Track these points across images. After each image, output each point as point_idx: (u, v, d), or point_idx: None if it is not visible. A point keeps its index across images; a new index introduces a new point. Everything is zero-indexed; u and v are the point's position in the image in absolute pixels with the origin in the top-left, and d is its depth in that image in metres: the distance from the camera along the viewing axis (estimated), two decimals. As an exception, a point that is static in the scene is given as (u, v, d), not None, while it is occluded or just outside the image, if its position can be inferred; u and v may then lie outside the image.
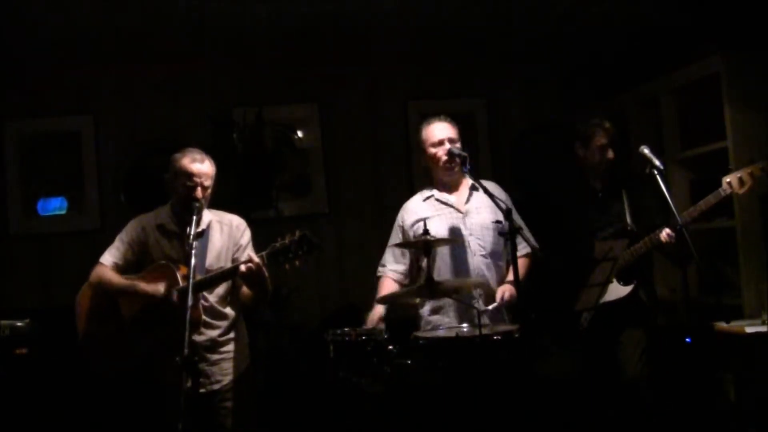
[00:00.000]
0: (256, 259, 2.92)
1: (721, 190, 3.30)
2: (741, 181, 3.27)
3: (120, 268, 3.15)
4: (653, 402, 3.59)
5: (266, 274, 3.01)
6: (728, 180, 3.29)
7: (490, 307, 3.24)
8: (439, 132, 3.42)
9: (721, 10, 4.29)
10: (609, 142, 3.67)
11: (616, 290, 3.52)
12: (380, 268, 3.54)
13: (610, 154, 3.68)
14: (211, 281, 3.03)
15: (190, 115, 5.14)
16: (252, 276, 2.93)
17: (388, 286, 3.47)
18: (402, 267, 3.50)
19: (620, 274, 3.52)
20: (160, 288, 2.97)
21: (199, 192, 3.08)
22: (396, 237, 3.53)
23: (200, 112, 5.11)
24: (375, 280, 3.56)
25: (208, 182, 3.12)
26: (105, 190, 5.08)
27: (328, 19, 4.50)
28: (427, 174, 3.65)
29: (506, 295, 3.28)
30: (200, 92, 5.20)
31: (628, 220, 3.58)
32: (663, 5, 4.42)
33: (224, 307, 3.19)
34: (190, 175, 3.08)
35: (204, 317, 3.10)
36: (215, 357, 3.15)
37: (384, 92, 5.47)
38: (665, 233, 3.37)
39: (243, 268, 2.92)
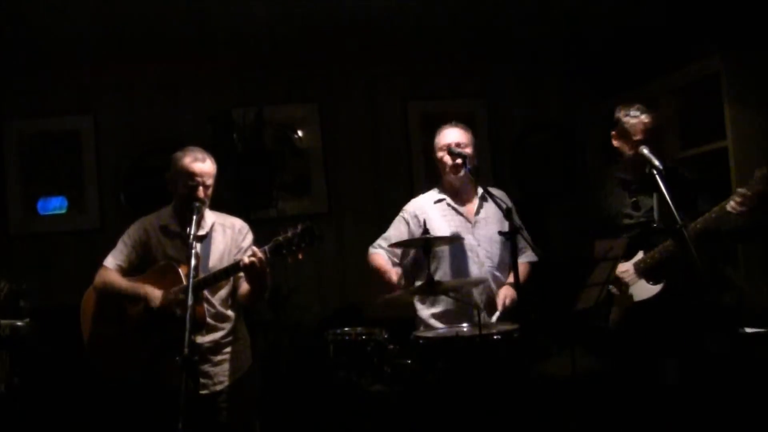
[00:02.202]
0: (260, 253, 2.92)
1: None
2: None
3: (124, 271, 3.15)
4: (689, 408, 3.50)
5: (267, 267, 3.00)
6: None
7: (494, 319, 3.24)
8: (448, 136, 3.43)
9: (721, 10, 4.29)
10: (646, 138, 3.39)
11: (646, 289, 3.39)
12: (371, 250, 3.56)
13: (646, 150, 3.34)
14: (214, 278, 3.03)
15: (190, 114, 5.14)
16: (254, 269, 2.93)
17: (384, 259, 3.48)
18: (394, 258, 3.50)
19: (649, 272, 3.39)
20: (157, 299, 2.97)
21: (200, 191, 3.07)
22: (398, 229, 3.52)
23: (200, 111, 5.11)
24: (367, 258, 3.57)
25: (209, 181, 3.12)
26: (105, 190, 5.08)
27: (328, 19, 4.50)
28: (437, 178, 3.64)
29: (507, 301, 3.28)
30: (200, 92, 5.20)
31: (656, 216, 3.47)
32: (663, 5, 4.42)
33: (226, 309, 3.19)
34: (191, 175, 3.08)
35: (208, 320, 3.10)
36: (218, 358, 3.15)
37: (384, 92, 5.47)
38: (733, 202, 3.12)
39: (246, 260, 2.92)
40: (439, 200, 3.50)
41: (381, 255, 3.50)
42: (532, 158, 5.56)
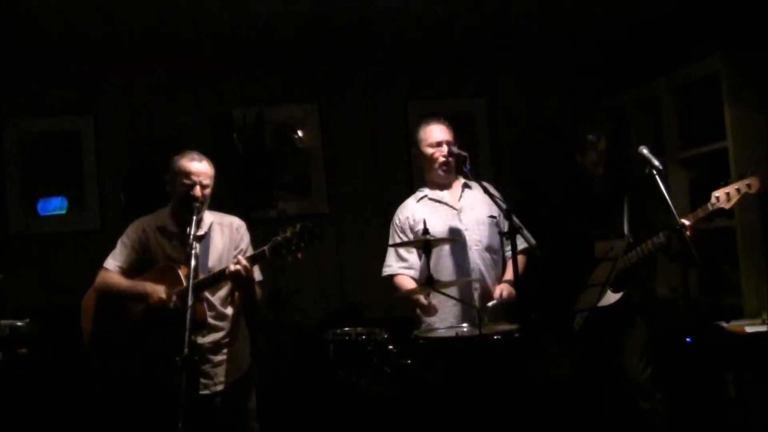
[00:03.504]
0: (244, 261, 2.94)
1: (709, 204, 3.34)
2: (728, 196, 3.32)
3: (124, 271, 3.16)
4: (658, 405, 3.56)
5: (253, 276, 3.02)
6: (717, 195, 3.34)
7: (489, 305, 3.25)
8: (438, 133, 3.46)
9: (721, 10, 4.29)
10: (600, 159, 3.71)
11: (606, 297, 3.50)
12: (386, 269, 3.53)
13: (600, 171, 3.72)
14: (213, 280, 3.04)
15: (190, 115, 5.14)
16: (240, 277, 2.95)
17: (408, 281, 3.44)
18: (409, 264, 3.49)
19: (613, 280, 3.50)
20: (161, 291, 2.98)
21: (197, 190, 3.08)
22: (394, 239, 3.54)
23: (200, 112, 5.11)
24: (384, 282, 3.53)
25: (206, 181, 3.13)
26: (105, 190, 5.08)
27: (328, 19, 4.50)
28: (421, 176, 3.65)
29: (504, 294, 3.29)
30: (200, 92, 5.20)
31: (626, 230, 3.60)
32: (663, 5, 4.42)
33: (225, 307, 3.20)
34: (188, 174, 3.10)
35: (209, 320, 3.11)
36: (218, 358, 3.16)
37: (384, 92, 5.46)
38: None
39: (231, 268, 2.95)
40: (421, 198, 3.53)
41: (404, 278, 3.47)
42: (532, 158, 5.56)
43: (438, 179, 3.51)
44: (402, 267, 3.49)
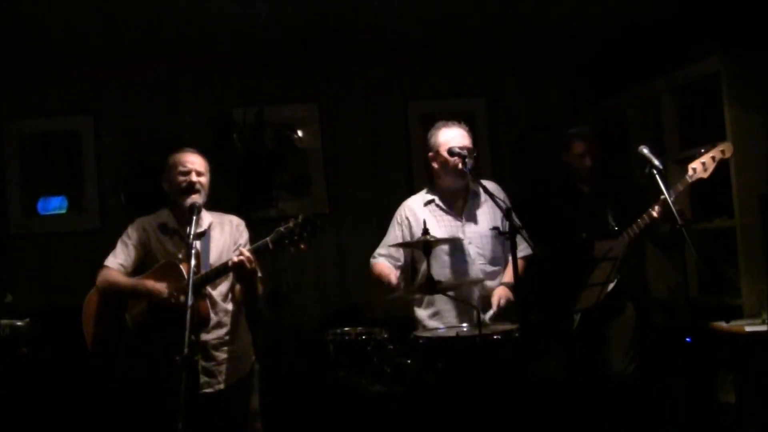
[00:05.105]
0: (247, 252, 2.95)
1: (687, 176, 3.35)
2: (704, 165, 3.32)
3: (125, 270, 3.17)
4: (642, 399, 3.59)
5: (257, 268, 3.03)
6: (693, 166, 3.36)
7: (488, 318, 3.23)
8: (453, 139, 3.36)
9: (721, 10, 4.29)
10: (586, 150, 3.75)
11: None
12: (372, 260, 3.54)
13: (588, 162, 3.77)
14: (215, 274, 3.05)
15: (190, 114, 5.14)
16: (243, 268, 2.96)
17: (384, 266, 3.45)
18: (396, 262, 3.49)
19: None
20: (163, 289, 2.98)
21: (193, 176, 3.11)
22: (393, 233, 3.52)
23: (200, 112, 5.11)
24: (369, 269, 3.54)
25: (201, 169, 3.17)
26: (105, 190, 5.09)
27: (328, 19, 4.50)
28: (429, 177, 3.61)
29: (502, 302, 3.27)
30: (200, 92, 5.20)
31: (611, 221, 3.61)
32: (663, 5, 4.42)
33: (227, 303, 3.21)
34: (183, 163, 3.15)
35: (213, 316, 3.11)
36: (222, 356, 3.16)
37: (384, 92, 5.46)
38: (657, 209, 3.35)
39: (235, 258, 2.95)
40: (429, 202, 3.47)
41: (381, 262, 3.49)
42: (532, 158, 5.56)
43: (453, 185, 3.43)
44: (385, 258, 3.49)
